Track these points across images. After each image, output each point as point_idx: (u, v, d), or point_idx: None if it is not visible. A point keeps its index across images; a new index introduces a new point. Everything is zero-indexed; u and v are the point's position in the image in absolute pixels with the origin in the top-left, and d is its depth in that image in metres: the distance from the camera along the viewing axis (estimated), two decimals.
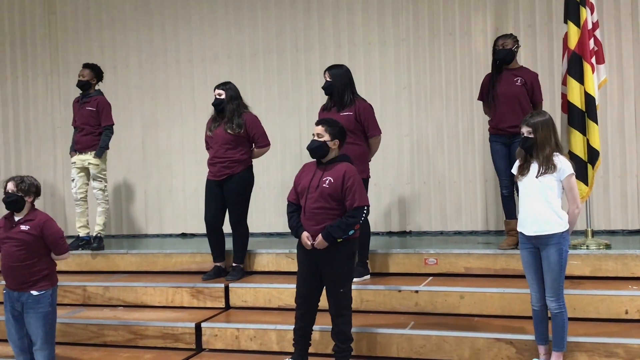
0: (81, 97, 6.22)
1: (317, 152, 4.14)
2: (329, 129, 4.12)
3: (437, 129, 6.55)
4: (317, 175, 4.11)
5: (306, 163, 4.33)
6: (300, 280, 4.23)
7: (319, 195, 4.05)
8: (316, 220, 4.06)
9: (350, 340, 4.18)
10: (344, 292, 4.12)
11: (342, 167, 4.08)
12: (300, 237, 4.12)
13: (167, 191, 7.35)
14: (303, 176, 4.21)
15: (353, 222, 4.02)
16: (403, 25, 6.61)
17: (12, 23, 7.80)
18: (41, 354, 4.33)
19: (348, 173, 4.04)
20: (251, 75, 7.01)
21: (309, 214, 4.09)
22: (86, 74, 6.16)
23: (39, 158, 7.71)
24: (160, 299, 5.41)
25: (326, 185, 4.04)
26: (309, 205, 4.09)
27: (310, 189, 4.09)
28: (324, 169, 4.12)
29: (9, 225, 4.32)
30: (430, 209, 6.58)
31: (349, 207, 4.03)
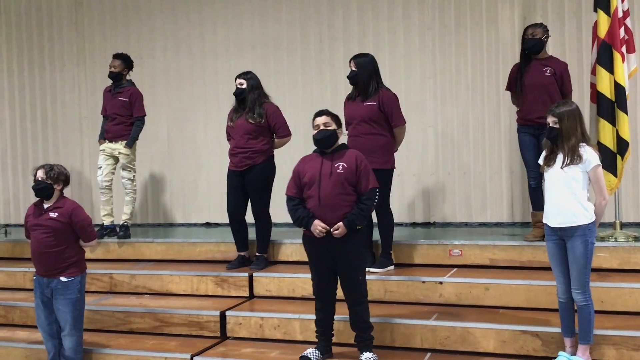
0: (113, 87, 6.26)
1: (329, 141, 4.15)
2: (334, 118, 4.19)
3: (462, 119, 6.49)
4: (326, 164, 4.10)
5: (304, 156, 4.29)
6: (314, 272, 4.24)
7: (335, 181, 4.04)
8: (334, 207, 4.04)
9: (371, 328, 4.19)
10: (361, 280, 4.14)
11: (351, 152, 4.15)
12: (312, 227, 4.06)
13: (191, 181, 7.40)
14: (307, 168, 4.16)
15: (370, 204, 4.08)
16: (429, 13, 6.55)
17: (40, 14, 7.90)
18: (69, 339, 4.42)
19: (359, 157, 4.11)
20: (275, 66, 7.01)
21: (325, 202, 4.04)
22: (117, 64, 6.21)
23: (67, 147, 7.82)
24: (185, 287, 5.46)
25: (341, 170, 4.05)
26: (324, 194, 4.05)
27: (322, 177, 4.06)
28: (332, 157, 4.13)
29: (38, 212, 4.41)
30: (455, 200, 6.53)
31: (364, 190, 4.05)
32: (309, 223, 4.08)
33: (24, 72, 7.99)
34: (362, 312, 4.15)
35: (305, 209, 4.12)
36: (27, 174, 7.93)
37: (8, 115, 8.08)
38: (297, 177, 4.20)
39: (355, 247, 4.10)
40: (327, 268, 4.15)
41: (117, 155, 6.20)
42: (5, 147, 8.10)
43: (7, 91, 8.07)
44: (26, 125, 8.01)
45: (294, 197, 4.19)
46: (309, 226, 4.08)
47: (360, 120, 4.93)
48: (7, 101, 8.07)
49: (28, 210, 4.55)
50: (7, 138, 8.09)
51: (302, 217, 4.11)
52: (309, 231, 4.12)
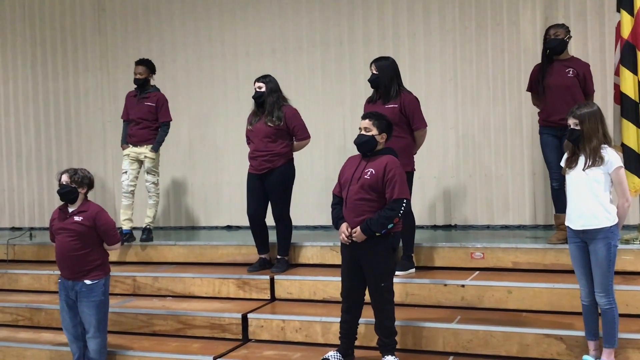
0: (139, 92, 6.31)
1: (365, 147, 4.14)
2: (376, 123, 4.13)
3: (483, 121, 6.45)
4: (360, 167, 4.13)
5: (351, 156, 4.34)
6: (343, 274, 4.26)
7: (359, 186, 4.06)
8: (356, 212, 4.07)
9: (394, 334, 4.18)
10: (385, 287, 4.12)
11: (384, 159, 4.09)
12: (339, 229, 4.13)
13: (212, 184, 7.45)
14: (347, 169, 4.24)
15: (391, 214, 4.00)
16: (449, 15, 6.52)
17: (64, 20, 8.01)
18: (94, 341, 4.48)
19: (390, 165, 4.04)
20: (295, 69, 7.03)
21: (350, 205, 4.11)
22: (142, 71, 6.27)
23: (90, 151, 7.91)
24: (207, 289, 5.50)
25: (367, 176, 4.05)
26: (350, 197, 4.10)
27: (352, 180, 4.11)
28: (368, 161, 4.13)
29: (63, 216, 4.47)
30: (477, 203, 6.49)
31: (388, 199, 4.02)
32: (337, 224, 4.17)
33: (48, 77, 8.11)
34: (385, 318, 4.15)
35: (339, 210, 4.19)
36: (51, 177, 8.04)
37: (32, 119, 8.20)
38: (340, 176, 4.28)
39: (381, 253, 4.09)
40: (355, 270, 4.16)
41: (142, 160, 6.26)
42: (30, 151, 8.23)
43: (32, 97, 8.19)
44: (50, 129, 8.13)
45: (335, 195, 4.27)
46: (337, 227, 4.16)
47: None
48: (32, 106, 8.20)
49: (53, 214, 4.62)
50: (31, 142, 8.21)
51: (334, 217, 4.21)
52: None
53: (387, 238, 4.08)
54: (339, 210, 4.19)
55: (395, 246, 4.23)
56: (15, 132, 8.29)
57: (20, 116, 8.26)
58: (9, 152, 8.31)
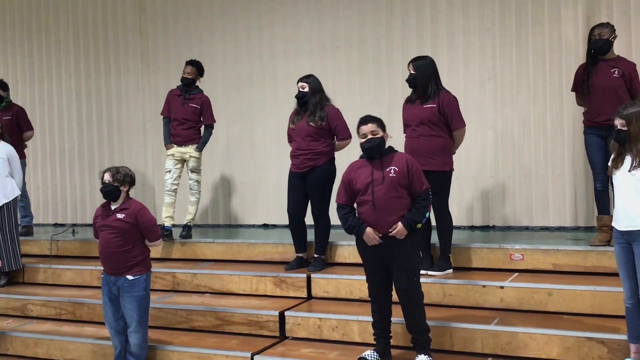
0: (184, 92, 6.39)
1: (378, 149, 4.15)
2: (380, 124, 4.20)
3: (523, 121, 6.36)
4: (377, 169, 4.11)
5: (352, 163, 4.29)
6: (368, 276, 4.26)
7: (388, 185, 4.05)
8: (388, 211, 4.05)
9: (427, 330, 4.17)
10: (415, 283, 4.12)
11: (401, 156, 4.18)
12: (364, 234, 4.08)
13: (250, 183, 7.52)
14: (358, 175, 4.16)
15: (427, 204, 4.11)
16: (488, 14, 6.46)
17: (105, 21, 8.19)
18: (135, 336, 4.56)
19: (409, 160, 4.14)
20: (332, 68, 7.04)
21: (380, 206, 4.05)
22: (191, 71, 6.36)
23: (131, 149, 8.07)
24: (245, 287, 5.55)
25: (393, 174, 4.06)
26: (379, 198, 4.06)
27: (375, 183, 4.07)
28: (382, 161, 4.12)
29: (106, 213, 4.57)
30: (516, 203, 6.41)
31: (419, 191, 4.08)
32: (360, 230, 4.11)
33: (90, 77, 8.29)
34: (416, 314, 4.13)
35: (355, 217, 4.14)
36: (93, 175, 8.22)
37: (75, 118, 8.40)
38: (348, 184, 4.19)
39: (409, 249, 4.10)
40: (381, 270, 4.17)
41: (186, 159, 6.36)
42: (72, 149, 8.43)
43: (75, 96, 8.40)
44: (92, 128, 8.31)
45: (344, 205, 4.20)
46: (361, 234, 4.10)
47: (419, 123, 4.91)
48: (75, 105, 8.40)
49: (96, 212, 4.72)
50: (74, 141, 8.41)
51: (353, 225, 4.12)
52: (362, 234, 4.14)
53: (414, 232, 4.09)
54: (354, 217, 4.14)
55: (418, 242, 4.26)
56: (58, 131, 8.50)
57: (64, 115, 8.47)
58: (53, 149, 8.52)
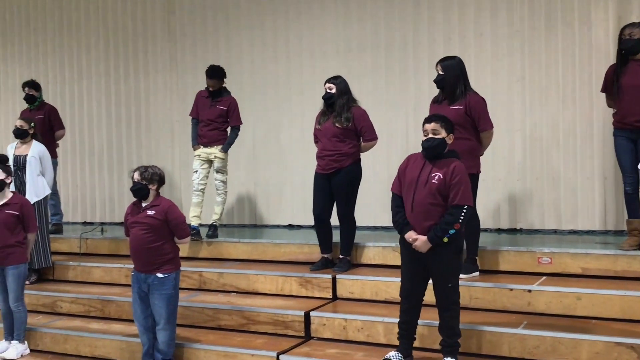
0: (211, 95, 6.45)
1: (436, 150, 4.06)
2: (444, 125, 4.07)
3: (552, 123, 6.30)
4: (425, 170, 4.06)
5: (411, 154, 4.26)
6: (404, 275, 4.23)
7: (428, 191, 4.01)
8: (424, 216, 4.02)
9: (458, 335, 4.14)
10: (452, 287, 4.09)
11: (451, 163, 4.02)
12: (405, 235, 4.09)
13: (275, 183, 7.56)
14: (409, 169, 4.14)
15: (450, 220, 3.94)
16: (517, 15, 6.40)
17: (135, 23, 8.30)
18: (163, 333, 4.62)
19: (456, 170, 3.98)
20: (359, 70, 7.04)
21: (417, 209, 4.05)
22: (214, 84, 6.39)
23: (159, 149, 8.17)
24: (270, 286, 5.58)
25: (435, 181, 3.99)
26: (418, 201, 4.04)
27: (419, 184, 4.04)
28: (433, 164, 4.06)
29: (137, 210, 4.65)
30: (544, 206, 6.34)
31: (449, 204, 3.97)
32: (403, 230, 4.12)
33: (120, 78, 8.42)
34: (450, 319, 4.11)
35: (403, 215, 4.12)
36: (122, 175, 8.36)
37: (105, 119, 8.53)
38: (401, 174, 4.19)
39: (447, 253, 4.05)
40: (418, 271, 4.15)
41: (212, 159, 6.42)
42: (102, 149, 8.56)
43: (104, 96, 8.53)
44: (121, 129, 8.43)
45: (397, 195, 4.18)
46: (403, 233, 4.11)
47: None
48: (104, 106, 8.53)
49: (127, 209, 4.79)
50: (103, 141, 8.54)
51: (399, 222, 4.14)
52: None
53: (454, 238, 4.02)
54: (402, 214, 4.13)
55: (460, 246, 4.18)
56: (88, 131, 8.64)
57: (94, 115, 8.61)
58: (82, 149, 8.67)
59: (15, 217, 5.20)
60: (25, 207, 5.29)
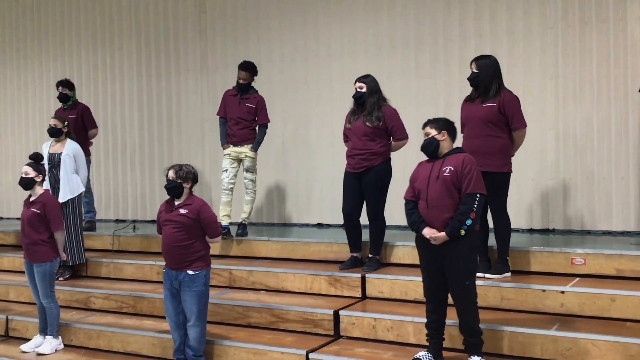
0: (240, 93, 6.49)
1: (428, 148, 4.22)
2: (433, 125, 4.24)
3: (586, 122, 6.19)
4: (436, 167, 4.14)
5: (421, 161, 4.35)
6: (424, 274, 4.27)
7: (441, 184, 4.07)
8: (440, 210, 4.07)
9: (479, 333, 4.14)
10: (469, 286, 4.09)
11: (460, 156, 4.15)
12: (422, 233, 4.13)
13: (305, 182, 7.57)
14: (420, 172, 4.26)
15: (465, 209, 4.01)
16: (551, 12, 6.31)
17: (167, 23, 8.39)
18: (194, 330, 4.67)
19: (466, 161, 4.09)
20: (389, 69, 7.01)
21: (432, 204, 4.09)
22: (245, 76, 6.43)
23: (189, 148, 8.25)
24: (299, 285, 5.60)
25: (447, 173, 4.07)
26: (432, 196, 4.10)
27: (430, 180, 4.11)
28: (443, 161, 4.15)
29: (170, 208, 4.70)
30: (577, 206, 6.24)
31: (462, 194, 4.03)
32: (419, 228, 4.18)
33: (151, 78, 8.52)
34: (468, 318, 4.11)
35: (417, 214, 4.20)
36: (153, 173, 8.46)
37: (137, 118, 8.65)
38: (413, 181, 4.30)
39: (463, 251, 4.07)
40: (437, 270, 4.16)
41: (242, 158, 6.46)
42: (133, 148, 8.68)
43: (137, 96, 8.64)
44: (153, 127, 8.54)
45: (410, 200, 4.29)
46: (419, 231, 4.17)
47: (478, 122, 4.85)
48: (136, 105, 8.65)
49: (160, 207, 4.85)
50: (135, 140, 8.66)
51: (414, 221, 4.22)
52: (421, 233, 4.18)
53: (468, 235, 4.04)
54: (417, 214, 4.20)
55: (475, 244, 4.20)
56: (120, 129, 8.77)
57: (126, 114, 8.73)
58: (115, 148, 8.80)
59: (38, 216, 5.28)
60: (48, 206, 5.31)
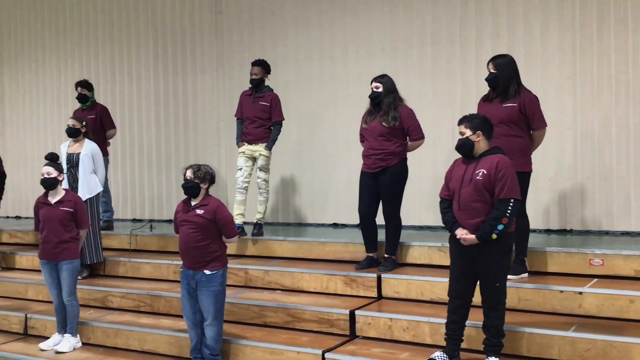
0: (254, 91, 6.53)
1: (462, 149, 4.17)
2: (468, 124, 4.16)
3: (604, 121, 6.13)
4: (469, 169, 4.10)
5: (457, 159, 4.32)
6: (453, 274, 4.24)
7: (473, 188, 4.03)
8: (471, 213, 4.05)
9: (502, 335, 4.12)
10: (499, 287, 4.08)
11: (495, 158, 4.07)
12: (455, 233, 4.12)
13: (320, 182, 7.57)
14: (454, 172, 4.23)
15: (497, 214, 3.97)
16: (568, 12, 6.26)
17: (183, 23, 8.44)
18: (211, 329, 4.70)
19: (500, 164, 4.02)
20: (404, 68, 6.99)
21: (464, 207, 4.09)
22: (258, 71, 6.48)
23: (205, 148, 8.29)
24: (315, 285, 5.61)
25: (479, 177, 4.03)
26: (463, 199, 4.08)
27: (463, 182, 4.09)
28: (477, 162, 4.10)
29: (187, 209, 4.73)
30: (595, 207, 6.19)
31: (495, 198, 3.99)
32: (452, 228, 4.17)
33: (168, 78, 8.57)
34: (495, 318, 4.10)
35: (452, 214, 4.19)
36: (170, 173, 8.52)
37: (154, 118, 8.71)
38: (447, 179, 4.28)
39: (496, 253, 4.05)
40: (467, 270, 4.15)
41: (256, 157, 6.47)
42: (150, 147, 8.73)
43: (154, 96, 8.70)
44: (169, 128, 8.59)
45: (445, 199, 4.28)
46: (453, 231, 4.16)
47: (499, 122, 4.79)
48: (153, 105, 8.70)
49: (177, 207, 4.88)
50: (152, 139, 8.72)
51: (448, 221, 4.21)
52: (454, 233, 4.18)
53: (503, 237, 4.02)
54: (451, 213, 4.19)
55: (510, 246, 4.17)
56: (137, 130, 8.83)
57: (143, 114, 8.80)
58: (132, 148, 8.86)
59: (69, 214, 5.36)
60: (78, 205, 5.44)
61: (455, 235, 4.15)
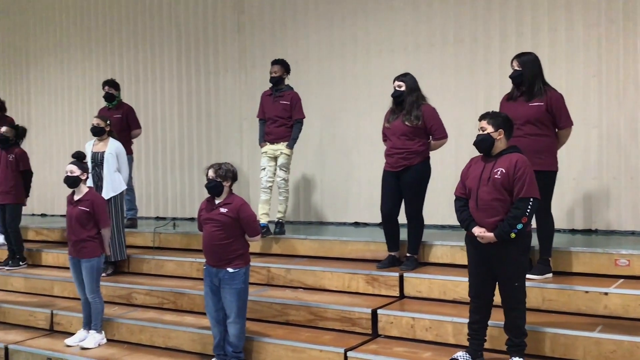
0: (274, 91, 6.57)
1: (482, 145, 4.12)
2: (491, 121, 4.10)
3: (630, 120, 6.05)
4: (487, 168, 4.07)
5: (473, 157, 4.28)
6: (472, 273, 4.22)
7: (492, 187, 4.00)
8: (490, 212, 4.02)
9: (524, 335, 4.09)
10: (518, 286, 4.05)
11: (513, 157, 4.03)
12: (472, 231, 4.09)
13: (342, 181, 7.58)
14: (472, 170, 4.19)
15: (517, 214, 3.93)
16: (594, 9, 6.18)
17: (205, 23, 8.50)
18: (234, 326, 4.73)
19: (519, 163, 3.98)
20: (427, 67, 6.95)
21: (482, 206, 4.05)
22: (277, 70, 6.52)
23: (227, 146, 8.34)
24: (337, 283, 5.61)
25: (498, 176, 4.00)
26: (482, 198, 4.05)
27: (482, 181, 4.05)
28: (495, 160, 4.06)
29: (210, 207, 4.77)
30: (621, 207, 6.11)
31: (515, 198, 3.96)
32: (469, 226, 4.14)
33: (191, 78, 8.64)
34: (516, 318, 4.08)
35: (468, 212, 4.16)
36: (192, 172, 8.59)
37: (177, 117, 8.78)
38: (464, 177, 4.25)
39: (514, 253, 4.03)
40: (485, 270, 4.13)
41: (277, 156, 6.50)
42: (173, 146, 8.81)
43: (177, 95, 8.78)
44: (192, 126, 8.65)
45: (461, 197, 4.24)
46: (469, 229, 4.13)
47: (525, 121, 4.76)
48: (176, 105, 8.78)
49: (201, 205, 4.92)
50: (175, 139, 8.79)
51: (464, 219, 4.18)
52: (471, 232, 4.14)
53: (520, 237, 3.99)
54: (467, 212, 4.16)
55: (527, 245, 4.14)
56: (161, 128, 8.91)
57: (166, 114, 8.88)
58: (155, 147, 8.95)
59: (86, 213, 5.39)
60: (96, 204, 5.44)
61: (471, 235, 4.13)
